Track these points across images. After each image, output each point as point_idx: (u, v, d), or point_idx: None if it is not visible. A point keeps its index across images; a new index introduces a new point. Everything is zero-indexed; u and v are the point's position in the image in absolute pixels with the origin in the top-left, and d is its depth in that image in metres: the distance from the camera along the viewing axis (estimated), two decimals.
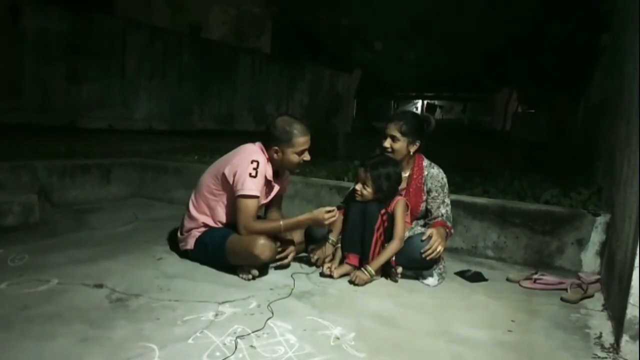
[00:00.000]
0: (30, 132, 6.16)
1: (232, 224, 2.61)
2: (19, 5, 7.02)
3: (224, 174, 2.59)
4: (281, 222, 2.59)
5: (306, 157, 2.65)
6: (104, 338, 1.75)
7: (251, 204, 2.51)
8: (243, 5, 13.12)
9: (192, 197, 2.78)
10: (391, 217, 2.60)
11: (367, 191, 2.60)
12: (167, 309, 2.05)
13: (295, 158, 2.62)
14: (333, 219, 2.54)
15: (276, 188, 2.74)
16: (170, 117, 9.72)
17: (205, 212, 2.70)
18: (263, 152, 2.63)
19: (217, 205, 2.68)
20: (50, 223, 3.37)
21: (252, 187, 2.50)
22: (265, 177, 2.60)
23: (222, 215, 2.69)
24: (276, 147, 2.60)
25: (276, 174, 2.72)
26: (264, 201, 2.68)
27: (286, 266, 2.70)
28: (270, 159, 2.64)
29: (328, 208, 2.54)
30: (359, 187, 2.62)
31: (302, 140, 2.60)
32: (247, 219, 2.50)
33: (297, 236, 2.92)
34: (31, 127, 6.66)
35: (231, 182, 2.56)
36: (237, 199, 2.52)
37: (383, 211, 2.58)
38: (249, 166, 2.52)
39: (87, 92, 8.03)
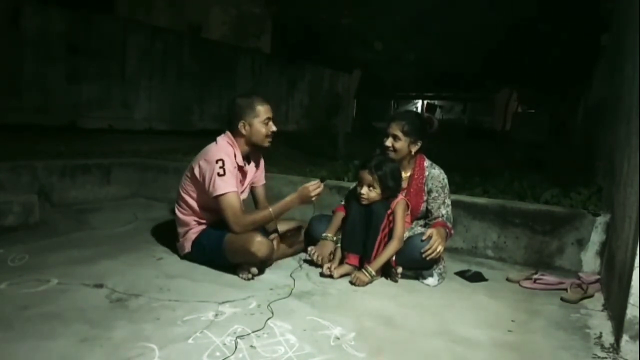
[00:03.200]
0: (30, 132, 6.15)
1: (217, 218, 2.63)
2: (19, 5, 7.01)
3: (194, 174, 2.64)
4: (270, 209, 2.61)
5: (272, 127, 2.69)
6: (104, 338, 1.75)
7: (232, 200, 2.53)
8: (243, 5, 13.11)
9: (176, 202, 2.82)
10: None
11: (375, 192, 2.60)
12: (167, 309, 2.05)
13: (262, 128, 2.66)
14: (319, 190, 2.57)
15: (250, 172, 2.79)
16: (170, 117, 9.71)
17: (190, 213, 2.73)
18: (229, 142, 2.67)
19: (196, 204, 2.70)
20: (50, 223, 3.37)
21: (224, 185, 2.52)
22: (237, 163, 2.63)
23: (204, 214, 2.71)
24: (243, 122, 2.64)
25: (247, 159, 2.77)
26: (242, 188, 2.71)
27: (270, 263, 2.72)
28: (238, 140, 2.67)
29: (312, 182, 2.58)
30: (365, 190, 2.61)
31: (263, 108, 2.66)
32: (235, 215, 2.51)
33: (297, 236, 2.93)
34: (31, 127, 6.65)
35: (202, 184, 2.59)
36: (216, 202, 2.54)
37: (389, 212, 2.59)
38: (215, 167, 2.54)
39: (87, 92, 8.02)
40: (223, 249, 2.52)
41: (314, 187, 2.56)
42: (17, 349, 1.65)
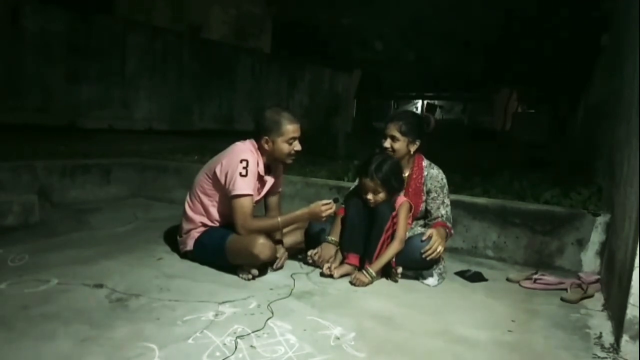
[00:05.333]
0: (30, 132, 6.15)
1: (229, 223, 2.62)
2: (19, 5, 7.02)
3: (215, 174, 2.61)
4: (279, 219, 2.59)
5: (297, 146, 2.64)
6: (104, 338, 1.75)
7: (246, 203, 2.52)
8: (243, 5, 13.11)
9: (187, 198, 2.79)
10: None
11: (381, 196, 2.60)
12: (167, 309, 2.05)
13: (285, 147, 2.61)
14: (330, 211, 2.54)
15: (269, 182, 2.74)
16: (170, 117, 9.71)
17: (201, 212, 2.71)
18: (253, 148, 2.64)
19: (212, 205, 2.69)
20: (50, 223, 3.37)
21: (243, 186, 2.51)
22: (258, 172, 2.61)
23: (217, 215, 2.70)
24: (266, 137, 2.60)
25: (268, 168, 2.73)
26: (257, 197, 2.68)
27: (279, 268, 2.69)
28: (261, 151, 2.64)
29: (325, 201, 2.56)
30: (370, 196, 2.60)
31: (291, 128, 2.60)
32: (244, 218, 2.51)
33: (297, 236, 2.92)
34: (31, 127, 6.65)
35: (223, 182, 2.57)
36: (231, 200, 2.53)
37: (394, 213, 2.58)
38: (238, 166, 2.52)
39: (87, 92, 8.02)
40: (225, 250, 2.52)
41: (326, 206, 2.53)
42: (17, 349, 1.65)
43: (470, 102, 26.25)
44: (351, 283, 2.50)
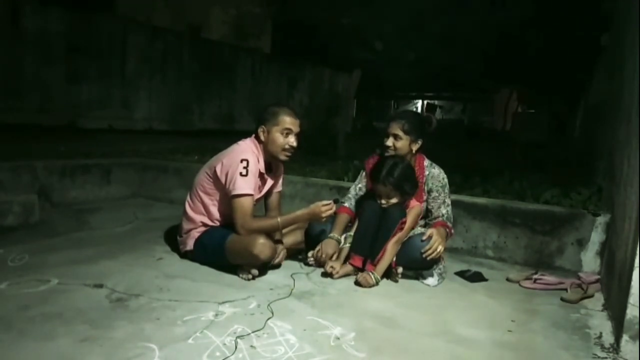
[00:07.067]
0: (30, 132, 6.16)
1: (229, 222, 2.62)
2: (19, 5, 7.02)
3: (215, 173, 2.61)
4: (278, 219, 2.59)
5: (291, 140, 2.62)
6: (104, 338, 1.75)
7: (246, 203, 2.52)
8: (243, 5, 13.13)
9: (188, 197, 2.79)
10: None
11: (393, 200, 2.61)
12: (167, 309, 2.05)
13: (279, 138, 2.60)
14: (330, 212, 2.55)
15: (269, 182, 2.75)
16: (170, 117, 9.72)
17: (202, 212, 2.71)
18: (254, 147, 2.64)
19: (212, 204, 2.69)
20: (50, 223, 3.37)
21: (244, 186, 2.51)
22: (259, 169, 2.61)
23: (218, 214, 2.70)
24: (263, 127, 2.62)
25: (269, 167, 2.73)
26: (257, 196, 2.68)
27: (277, 265, 2.69)
28: (261, 147, 2.65)
29: (325, 202, 2.56)
30: (384, 200, 2.61)
31: (287, 119, 2.60)
32: (244, 218, 2.51)
33: (297, 236, 2.92)
34: (31, 127, 6.66)
35: (223, 182, 2.57)
36: (231, 200, 2.53)
37: (404, 219, 2.58)
38: (239, 166, 2.52)
39: (87, 92, 8.04)
40: (225, 250, 2.52)
41: (326, 207, 2.54)
42: (17, 349, 1.65)
43: (470, 102, 26.28)
44: (356, 283, 2.50)
